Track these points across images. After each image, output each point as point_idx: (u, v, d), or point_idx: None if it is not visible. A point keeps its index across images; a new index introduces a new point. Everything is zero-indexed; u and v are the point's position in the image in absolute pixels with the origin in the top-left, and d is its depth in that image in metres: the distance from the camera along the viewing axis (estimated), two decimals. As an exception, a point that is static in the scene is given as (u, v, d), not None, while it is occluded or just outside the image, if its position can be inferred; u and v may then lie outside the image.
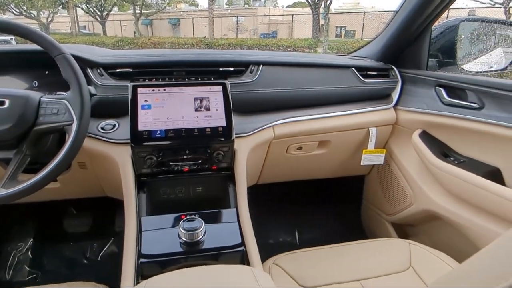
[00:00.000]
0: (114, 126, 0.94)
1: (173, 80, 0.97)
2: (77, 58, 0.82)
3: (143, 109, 0.91)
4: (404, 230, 1.38)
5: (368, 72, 1.22)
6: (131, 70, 0.98)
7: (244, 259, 0.78)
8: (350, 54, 1.43)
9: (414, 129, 1.19)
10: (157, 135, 0.89)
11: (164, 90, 0.94)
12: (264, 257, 1.16)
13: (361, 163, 1.24)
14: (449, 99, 1.08)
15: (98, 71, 0.96)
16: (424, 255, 0.94)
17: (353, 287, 0.85)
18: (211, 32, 16.75)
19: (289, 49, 12.00)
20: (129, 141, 0.87)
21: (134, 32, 22.12)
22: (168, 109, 0.92)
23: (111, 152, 0.90)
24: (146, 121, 0.90)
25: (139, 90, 0.92)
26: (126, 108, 0.90)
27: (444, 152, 1.11)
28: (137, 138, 0.87)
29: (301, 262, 0.90)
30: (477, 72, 1.25)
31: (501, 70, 1.22)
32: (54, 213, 1.47)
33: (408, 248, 0.96)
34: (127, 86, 0.92)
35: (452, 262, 0.91)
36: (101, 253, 1.43)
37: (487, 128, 0.96)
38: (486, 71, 1.25)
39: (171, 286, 0.52)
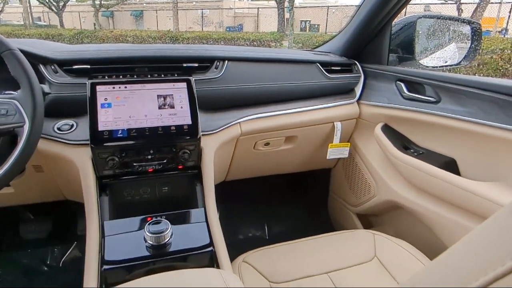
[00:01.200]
0: (72, 126, 0.89)
1: (135, 76, 0.93)
2: (27, 54, 0.77)
3: (103, 107, 0.87)
4: (369, 220, 1.43)
5: (332, 67, 1.25)
6: (88, 66, 0.93)
7: (213, 260, 0.77)
8: (314, 49, 1.45)
9: (376, 123, 1.23)
10: (118, 135, 0.85)
11: (125, 87, 0.90)
12: (234, 254, 1.15)
13: (327, 157, 1.27)
14: (409, 93, 1.12)
15: (52, 67, 0.91)
16: (387, 244, 0.97)
17: (321, 280, 0.86)
18: (175, 25, 16.34)
19: (255, 43, 11.97)
20: (88, 142, 0.83)
21: (94, 24, 21.10)
22: (130, 108, 0.89)
23: (69, 154, 0.86)
24: (107, 120, 0.86)
25: (98, 87, 0.88)
26: (84, 107, 0.85)
27: (404, 144, 1.15)
28: (97, 138, 0.83)
29: (271, 258, 0.90)
30: (433, 67, 1.31)
31: (455, 65, 1.29)
32: (9, 220, 1.38)
33: (373, 238, 0.99)
34: (85, 83, 0.88)
35: (413, 249, 0.95)
36: (63, 258, 1.36)
37: (443, 121, 1.00)
38: (442, 66, 1.31)
39: None
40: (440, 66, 1.31)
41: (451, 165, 1.03)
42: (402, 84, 1.15)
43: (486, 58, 7.06)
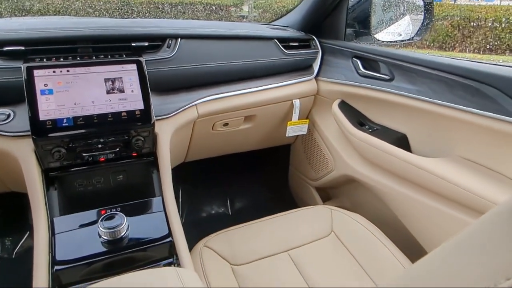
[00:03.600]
0: (9, 116, 0.81)
1: (78, 58, 0.85)
2: None
3: (43, 94, 0.79)
4: (328, 193, 1.48)
5: (290, 43, 1.22)
6: (23, 48, 0.84)
7: (172, 250, 0.77)
8: (271, 23, 1.41)
9: (334, 99, 1.24)
10: (63, 124, 0.79)
11: (68, 71, 0.83)
12: (198, 232, 1.16)
13: (286, 135, 1.28)
14: (364, 70, 1.13)
15: None
16: (343, 219, 1.02)
17: (281, 258, 0.89)
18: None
19: (214, 7, 11.48)
20: (29, 133, 0.76)
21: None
22: (74, 93, 0.82)
23: (8, 146, 0.78)
24: (49, 108, 0.79)
25: (36, 72, 0.79)
26: (21, 94, 0.77)
27: (360, 120, 1.18)
28: (39, 129, 0.77)
29: (232, 241, 0.91)
30: (388, 42, 1.33)
31: (408, 40, 1.31)
32: None
33: (330, 214, 1.03)
34: (20, 67, 0.79)
35: (367, 223, 1.00)
36: (16, 250, 1.30)
37: (396, 98, 1.03)
38: (396, 41, 1.33)
39: None
40: (394, 42, 1.33)
41: (402, 141, 1.08)
42: (358, 61, 1.16)
43: (437, 25, 7.31)
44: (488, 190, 0.79)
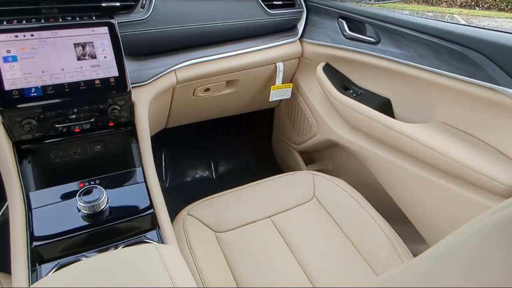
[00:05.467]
0: None
1: (43, 21, 0.78)
2: None
3: (6, 62, 0.73)
4: (311, 156, 1.49)
5: (274, 2, 1.16)
6: None
7: (155, 222, 0.76)
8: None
9: (318, 62, 1.21)
10: (32, 94, 0.74)
11: (32, 35, 0.76)
12: (182, 197, 1.16)
13: (270, 100, 1.25)
14: (350, 32, 1.09)
15: None
16: (325, 184, 1.03)
17: (264, 224, 0.91)
18: None
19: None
20: None
21: None
22: (41, 60, 0.76)
23: None
24: (14, 77, 0.73)
25: None
26: None
27: (344, 84, 1.16)
28: (6, 100, 0.72)
29: (215, 208, 0.92)
30: (375, 1, 1.27)
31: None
32: None
33: (312, 179, 1.05)
34: None
35: (348, 187, 1.02)
36: None
37: (382, 62, 1.01)
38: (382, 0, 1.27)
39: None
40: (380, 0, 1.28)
41: (386, 105, 1.07)
42: (344, 22, 1.11)
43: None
44: (468, 156, 0.80)
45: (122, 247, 0.69)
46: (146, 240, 0.72)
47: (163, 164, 1.56)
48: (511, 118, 0.77)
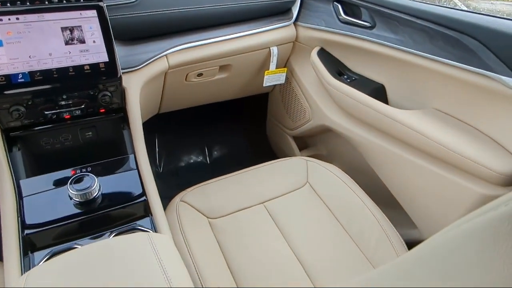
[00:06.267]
0: None
1: (28, 4, 0.76)
2: None
3: None
4: (305, 141, 1.49)
5: (268, -16, 1.13)
6: None
7: (148, 209, 0.76)
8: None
9: (313, 47, 1.19)
10: (19, 80, 0.73)
11: (17, 18, 0.74)
12: (176, 182, 1.15)
13: (264, 85, 1.24)
14: (345, 16, 1.07)
15: None
16: (318, 170, 1.03)
17: (257, 210, 0.92)
18: None
19: None
20: None
21: None
22: (28, 45, 0.74)
23: None
24: (0, 63, 0.71)
25: None
26: None
27: (338, 69, 1.15)
28: None
29: (208, 195, 0.92)
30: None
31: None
32: None
33: (306, 165, 1.05)
34: None
35: (341, 173, 1.02)
36: None
37: (377, 47, 1.00)
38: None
39: (52, 280, 0.47)
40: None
41: (380, 91, 1.07)
42: (339, 6, 1.09)
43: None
44: (460, 143, 0.81)
45: (115, 235, 0.69)
46: (139, 228, 0.72)
47: (157, 149, 1.56)
48: (504, 106, 0.77)
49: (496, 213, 0.19)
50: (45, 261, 0.63)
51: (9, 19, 0.73)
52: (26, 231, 0.66)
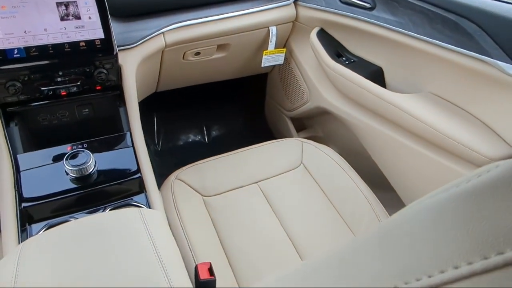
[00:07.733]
0: None
1: None
2: None
3: None
4: (303, 122, 1.50)
5: (268, -39, 1.11)
6: None
7: (142, 186, 0.78)
8: None
9: (313, 27, 1.17)
10: (15, 56, 0.73)
11: None
12: (174, 160, 1.16)
13: (262, 65, 1.23)
14: (346, -4, 1.06)
15: None
16: (313, 151, 1.04)
17: (251, 189, 0.93)
18: None
19: None
20: None
21: None
22: (23, 20, 0.74)
23: None
24: (-5, 37, 0.72)
25: None
26: None
27: (337, 51, 1.14)
28: None
29: (203, 173, 0.93)
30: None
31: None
32: None
33: (301, 146, 1.06)
34: None
35: (335, 155, 1.03)
36: None
37: (376, 29, 0.99)
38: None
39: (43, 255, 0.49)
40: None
41: (378, 74, 1.06)
42: (340, -15, 1.07)
43: None
44: (453, 128, 0.81)
45: (110, 210, 0.71)
46: (133, 203, 0.74)
47: (155, 127, 1.57)
48: (499, 91, 0.77)
49: (458, 190, 0.20)
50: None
51: (3, -7, 0.72)
52: (24, 204, 0.68)
